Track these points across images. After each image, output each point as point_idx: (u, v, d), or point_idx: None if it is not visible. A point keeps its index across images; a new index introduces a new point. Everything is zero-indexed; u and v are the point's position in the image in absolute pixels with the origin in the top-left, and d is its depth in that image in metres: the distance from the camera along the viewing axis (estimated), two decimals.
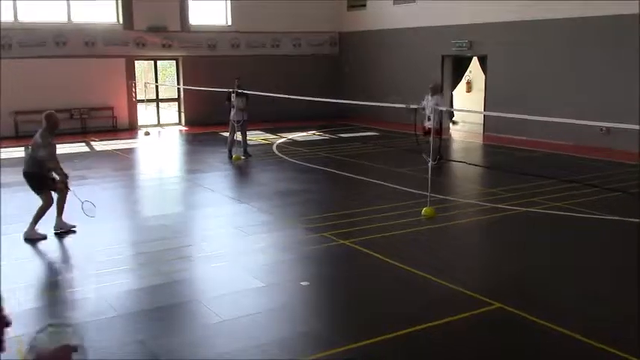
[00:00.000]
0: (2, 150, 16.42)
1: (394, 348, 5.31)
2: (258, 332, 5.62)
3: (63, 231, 8.53)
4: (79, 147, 17.42)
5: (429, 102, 12.99)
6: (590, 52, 16.15)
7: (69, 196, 8.62)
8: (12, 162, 14.92)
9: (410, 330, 5.58)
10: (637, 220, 9.06)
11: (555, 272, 7.17)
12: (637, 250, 7.93)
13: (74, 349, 2.15)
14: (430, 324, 5.71)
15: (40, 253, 7.94)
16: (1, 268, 7.13)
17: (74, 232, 8.60)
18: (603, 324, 5.77)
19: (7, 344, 2.22)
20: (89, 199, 8.73)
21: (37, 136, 8.33)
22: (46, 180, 8.37)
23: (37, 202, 8.45)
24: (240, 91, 14.73)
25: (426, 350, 5.31)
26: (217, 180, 12.86)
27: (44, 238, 8.29)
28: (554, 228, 9.07)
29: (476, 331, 5.71)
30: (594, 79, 16.04)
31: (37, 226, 8.31)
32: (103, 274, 7.04)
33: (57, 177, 8.41)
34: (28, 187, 8.58)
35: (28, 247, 8.11)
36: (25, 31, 19.10)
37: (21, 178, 8.59)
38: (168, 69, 24.35)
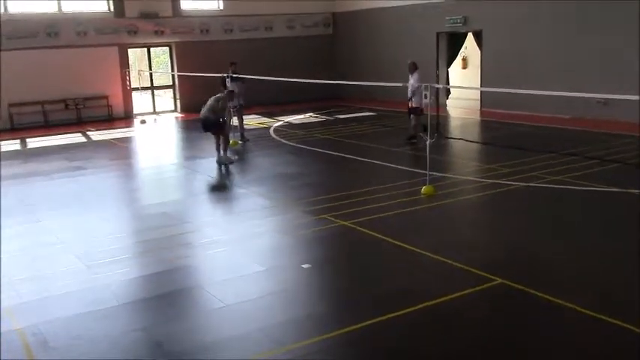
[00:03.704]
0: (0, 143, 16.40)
1: (397, 327, 5.30)
2: (261, 316, 5.62)
3: (229, 163, 12.43)
4: (76, 137, 17.36)
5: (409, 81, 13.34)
6: (585, 24, 16.02)
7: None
8: (7, 155, 14.88)
9: (413, 308, 5.57)
10: (638, 191, 9.04)
11: (557, 246, 7.16)
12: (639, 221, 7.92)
13: None
14: (433, 301, 5.71)
15: (40, 244, 7.91)
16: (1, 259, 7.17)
17: (233, 162, 12.53)
18: (607, 296, 5.76)
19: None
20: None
21: (217, 96, 12.74)
22: (223, 123, 12.59)
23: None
24: (235, 75, 14.62)
25: (429, 327, 5.31)
26: (215, 166, 12.81)
27: (232, 162, 12.59)
28: (555, 202, 9.05)
29: (479, 307, 5.70)
30: (590, 52, 15.93)
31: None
32: (105, 264, 7.03)
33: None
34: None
35: (21, 242, 8.10)
36: (16, 22, 18.92)
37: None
38: (161, 56, 24.20)
